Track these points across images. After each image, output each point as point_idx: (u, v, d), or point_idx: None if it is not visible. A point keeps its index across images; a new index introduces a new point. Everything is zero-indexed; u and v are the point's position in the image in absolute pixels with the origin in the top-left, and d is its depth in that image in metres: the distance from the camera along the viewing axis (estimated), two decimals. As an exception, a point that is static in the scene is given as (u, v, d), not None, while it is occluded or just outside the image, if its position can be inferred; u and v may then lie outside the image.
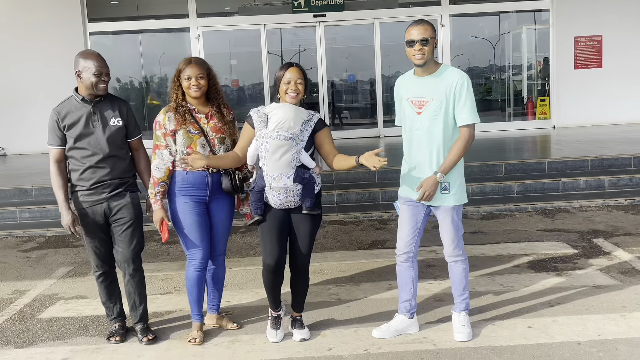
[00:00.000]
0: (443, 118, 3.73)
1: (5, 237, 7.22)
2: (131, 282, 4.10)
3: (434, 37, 3.74)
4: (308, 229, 3.91)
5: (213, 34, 13.01)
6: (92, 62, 3.86)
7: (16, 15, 12.47)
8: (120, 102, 4.04)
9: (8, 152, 12.90)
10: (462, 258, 3.94)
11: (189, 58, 4.00)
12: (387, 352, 3.77)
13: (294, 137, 3.76)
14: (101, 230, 4.02)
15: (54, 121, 3.90)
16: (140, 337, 4.09)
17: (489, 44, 13.65)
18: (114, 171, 3.96)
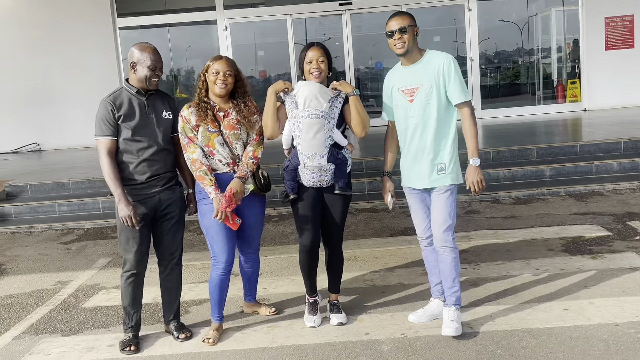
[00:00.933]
0: (436, 102, 3.74)
1: (45, 230, 7.42)
2: (170, 277, 4.10)
3: (412, 26, 3.77)
4: (340, 208, 4.02)
5: (240, 25, 13.09)
6: (148, 55, 3.81)
7: (48, 13, 12.70)
8: (168, 97, 4.05)
9: (43, 148, 13.17)
10: (452, 246, 3.81)
11: (220, 55, 3.97)
12: (424, 335, 3.82)
13: (325, 115, 3.84)
14: (146, 226, 3.92)
15: (109, 111, 3.77)
16: (176, 334, 4.07)
17: (517, 27, 13.49)
18: (166, 164, 3.94)
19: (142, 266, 3.98)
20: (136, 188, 3.86)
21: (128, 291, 3.98)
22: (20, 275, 5.80)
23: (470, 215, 6.72)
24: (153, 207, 3.92)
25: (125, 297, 3.99)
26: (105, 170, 3.78)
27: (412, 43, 3.77)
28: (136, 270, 3.95)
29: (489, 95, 13.47)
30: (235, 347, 3.88)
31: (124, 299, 4.00)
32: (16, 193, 8.36)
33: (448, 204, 3.80)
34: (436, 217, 3.82)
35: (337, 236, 4.09)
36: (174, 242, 4.06)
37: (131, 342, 3.97)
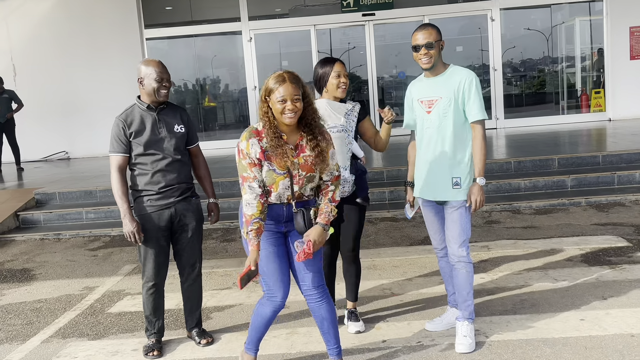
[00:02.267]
0: (453, 116, 3.75)
1: (73, 236, 7.61)
2: (193, 286, 4.20)
3: (439, 40, 3.78)
4: (357, 218, 4.12)
5: (264, 36, 13.28)
6: (153, 68, 3.92)
7: (77, 24, 13.03)
8: (181, 110, 4.15)
9: (72, 156, 13.48)
10: (467, 261, 3.82)
11: (281, 74, 3.18)
12: (440, 344, 3.88)
13: (344, 128, 3.97)
14: (164, 238, 4.00)
15: (120, 129, 3.90)
16: (198, 339, 4.17)
17: (541, 36, 13.48)
18: (180, 175, 4.01)
19: (161, 277, 4.07)
20: (152, 199, 3.95)
21: (149, 301, 4.08)
22: (49, 280, 5.98)
23: (490, 225, 6.75)
24: (169, 218, 3.99)
25: (147, 307, 4.11)
26: (114, 185, 3.92)
27: (437, 57, 3.78)
28: (155, 281, 4.04)
29: (512, 104, 13.47)
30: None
31: (145, 308, 4.12)
32: (45, 200, 8.58)
33: (462, 219, 3.79)
34: (451, 233, 3.83)
35: (354, 245, 4.17)
36: (193, 254, 4.14)
37: (154, 347, 4.08)
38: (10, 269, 6.45)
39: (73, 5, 13.04)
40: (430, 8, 12.81)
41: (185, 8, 13.58)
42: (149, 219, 3.96)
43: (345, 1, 12.89)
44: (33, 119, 12.97)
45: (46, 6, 13.09)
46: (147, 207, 3.96)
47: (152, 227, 3.96)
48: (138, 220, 3.93)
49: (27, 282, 5.97)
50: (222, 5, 13.40)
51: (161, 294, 4.12)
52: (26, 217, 8.12)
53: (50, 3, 13.08)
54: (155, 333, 4.15)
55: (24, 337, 4.56)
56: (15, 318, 4.99)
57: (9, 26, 13.16)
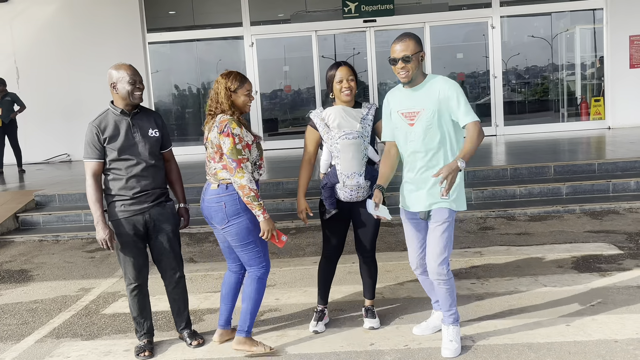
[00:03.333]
0: (438, 127, 3.63)
1: (71, 238, 7.68)
2: (177, 290, 4.23)
3: (418, 52, 3.64)
4: (371, 221, 4.21)
5: (266, 41, 13.38)
6: (125, 72, 3.92)
7: (80, 28, 13.14)
8: (155, 114, 4.16)
9: (73, 158, 13.58)
10: (446, 278, 3.74)
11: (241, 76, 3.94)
12: (426, 347, 3.93)
13: (359, 134, 4.02)
14: (140, 241, 4.03)
15: (94, 134, 3.89)
16: (189, 340, 4.21)
17: (542, 44, 13.54)
18: (155, 181, 4.03)
19: (143, 278, 4.11)
20: (125, 204, 3.96)
21: (134, 303, 4.13)
22: (46, 281, 6.05)
23: (484, 232, 6.80)
24: (144, 223, 4.01)
25: (133, 309, 4.15)
26: (88, 192, 3.91)
27: (415, 71, 3.65)
28: (137, 283, 4.08)
29: (512, 111, 13.52)
30: (245, 355, 4.02)
31: (132, 310, 4.16)
32: (45, 202, 8.67)
33: (445, 236, 3.69)
34: (431, 250, 3.73)
35: (370, 245, 4.29)
36: (173, 258, 4.16)
37: (145, 348, 4.14)
38: (8, 270, 6.53)
39: (76, 9, 13.16)
40: (431, 15, 12.90)
41: (187, 13, 13.69)
42: (123, 223, 3.97)
43: (347, 7, 12.98)
44: (35, 121, 13.08)
45: (50, 10, 13.21)
46: (120, 213, 3.96)
47: (126, 232, 3.98)
48: (111, 227, 3.95)
49: (24, 283, 6.04)
50: (225, 10, 13.50)
51: (145, 294, 4.16)
52: (26, 219, 8.19)
53: (54, 7, 13.20)
54: (145, 334, 4.20)
55: (18, 336, 4.62)
56: (10, 318, 5.06)
57: (13, 29, 13.28)
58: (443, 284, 3.76)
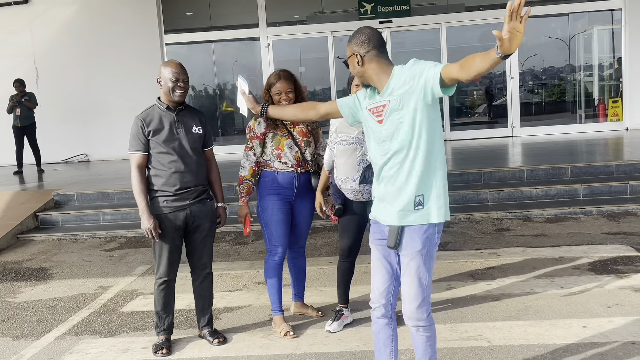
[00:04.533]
0: (410, 120, 2.85)
1: (90, 237, 7.77)
2: (203, 285, 4.31)
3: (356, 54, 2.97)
4: None
5: (282, 42, 13.42)
6: (170, 69, 4.03)
7: (99, 29, 13.27)
8: (199, 113, 4.26)
9: (91, 158, 13.71)
10: (426, 324, 3.00)
11: (279, 73, 4.30)
12: (441, 347, 3.94)
13: (356, 140, 4.00)
14: (178, 237, 4.12)
15: (139, 127, 4.01)
16: (211, 339, 4.27)
17: (560, 45, 13.48)
18: (197, 178, 4.12)
19: (173, 274, 4.18)
20: (168, 200, 4.05)
21: (160, 297, 4.20)
22: (65, 279, 6.13)
23: (500, 233, 6.79)
24: (184, 219, 4.09)
25: (157, 303, 4.22)
26: (134, 183, 4.02)
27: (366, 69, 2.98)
28: (167, 278, 4.15)
29: (529, 112, 13.46)
30: (261, 353, 4.07)
31: (156, 304, 4.23)
32: (64, 202, 8.76)
33: (422, 269, 2.93)
34: (406, 290, 2.96)
35: None
36: (205, 253, 4.26)
37: (163, 345, 4.19)
38: (27, 268, 6.62)
39: (95, 11, 13.29)
40: (447, 16, 12.88)
41: (204, 14, 13.78)
42: (164, 219, 4.05)
43: (363, 8, 13.00)
44: (54, 122, 13.23)
45: (69, 12, 13.36)
46: (163, 208, 4.05)
47: (167, 227, 4.06)
48: (155, 217, 4.04)
49: (43, 281, 6.12)
50: (241, 11, 13.57)
51: (172, 290, 4.23)
52: (45, 218, 8.29)
53: (73, 9, 13.34)
54: (164, 330, 4.25)
55: (38, 333, 4.70)
56: (31, 315, 5.13)
57: (33, 31, 13.44)
58: (422, 330, 3.02)
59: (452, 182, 8.33)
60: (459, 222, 7.26)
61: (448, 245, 6.46)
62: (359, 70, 3.01)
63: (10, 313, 5.21)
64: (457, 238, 6.64)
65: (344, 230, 4.33)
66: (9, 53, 13.40)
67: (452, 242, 6.55)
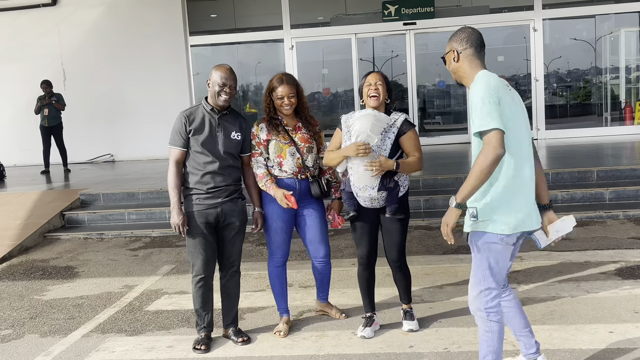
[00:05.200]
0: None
1: (115, 237, 7.86)
2: (231, 282, 4.35)
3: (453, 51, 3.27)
4: (396, 228, 4.19)
5: (306, 44, 13.45)
6: (220, 73, 4.09)
7: (125, 31, 13.42)
8: (241, 118, 4.29)
9: (116, 158, 13.87)
10: (482, 316, 3.24)
11: (281, 77, 4.27)
12: (466, 351, 3.93)
13: (375, 148, 3.97)
14: (210, 234, 4.19)
15: (182, 123, 4.10)
16: (235, 338, 4.30)
17: (586, 47, 13.32)
18: (229, 178, 4.18)
19: (209, 270, 4.23)
20: (200, 198, 4.13)
21: (198, 294, 4.24)
22: (91, 278, 6.21)
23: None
24: (215, 216, 4.16)
25: (196, 301, 4.27)
26: (169, 177, 4.14)
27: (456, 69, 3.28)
28: (204, 275, 4.21)
29: (554, 115, 13.33)
30: (285, 353, 4.09)
31: (195, 302, 4.28)
32: (90, 201, 8.88)
33: (477, 262, 3.20)
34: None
35: (396, 253, 4.27)
36: (233, 251, 4.31)
37: (202, 342, 4.23)
38: (54, 266, 6.72)
39: (121, 12, 13.44)
40: (471, 18, 12.80)
41: (229, 16, 13.87)
42: (196, 216, 4.14)
43: (387, 10, 12.98)
44: (80, 122, 13.41)
45: (96, 14, 13.53)
46: (195, 205, 4.14)
47: (199, 224, 4.14)
48: (185, 214, 4.12)
49: (70, 279, 6.21)
50: (265, 13, 13.63)
51: (210, 287, 4.28)
52: (71, 217, 8.41)
53: (100, 11, 13.51)
54: (204, 327, 4.30)
55: (66, 331, 4.77)
56: (58, 313, 5.21)
57: (61, 33, 13.64)
58: (479, 320, 3.29)
59: (476, 184, 8.30)
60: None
61: (472, 248, 6.42)
62: (454, 66, 3.25)
63: (38, 310, 5.30)
64: (481, 241, 6.60)
65: (360, 238, 4.30)
66: (37, 54, 13.60)
67: (476, 245, 6.51)
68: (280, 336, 4.35)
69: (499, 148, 2.91)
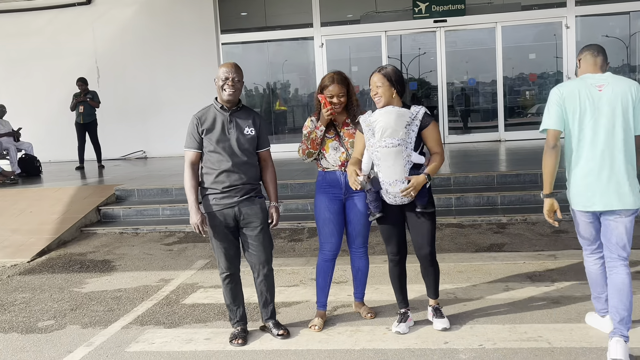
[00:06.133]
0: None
1: (150, 231, 8.00)
2: (264, 282, 4.38)
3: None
4: (425, 222, 4.19)
5: (335, 41, 13.51)
6: (222, 68, 4.14)
7: (158, 29, 13.63)
8: (254, 114, 4.32)
9: (149, 155, 14.08)
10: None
11: (332, 75, 4.35)
12: (501, 347, 3.95)
13: (401, 142, 3.99)
14: (231, 233, 4.23)
15: (194, 125, 4.16)
16: (275, 331, 4.35)
17: (619, 44, 13.14)
18: (245, 177, 4.18)
19: (234, 268, 4.30)
20: (217, 197, 4.17)
21: (227, 290, 4.34)
22: (128, 272, 6.35)
23: (558, 235, 6.71)
24: (233, 216, 4.19)
25: (226, 297, 4.37)
26: (185, 179, 4.21)
27: None
28: (229, 272, 4.29)
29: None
30: (320, 347, 4.15)
31: (225, 298, 4.38)
32: (125, 197, 9.05)
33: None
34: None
35: (426, 248, 4.26)
36: (261, 252, 4.30)
37: (238, 336, 4.30)
38: (92, 260, 6.87)
39: (154, 11, 13.64)
40: (502, 15, 12.73)
41: (259, 14, 13.98)
42: (215, 216, 4.19)
43: (417, 7, 12.96)
44: (113, 119, 13.63)
45: (130, 12, 13.75)
46: (212, 206, 4.19)
47: (218, 224, 4.20)
48: (203, 213, 4.18)
49: (107, 273, 6.35)
50: (296, 11, 13.71)
51: (237, 283, 4.36)
52: (107, 212, 8.58)
53: (134, 9, 13.73)
54: (238, 321, 4.38)
55: (105, 322, 4.89)
56: (97, 305, 5.34)
57: (95, 31, 13.89)
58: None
59: (508, 182, 8.26)
60: (516, 224, 7.21)
61: (505, 246, 6.42)
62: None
63: (78, 302, 5.44)
64: (514, 239, 6.60)
65: (389, 237, 4.32)
66: (72, 52, 13.88)
67: (509, 243, 6.51)
68: (315, 330, 4.41)
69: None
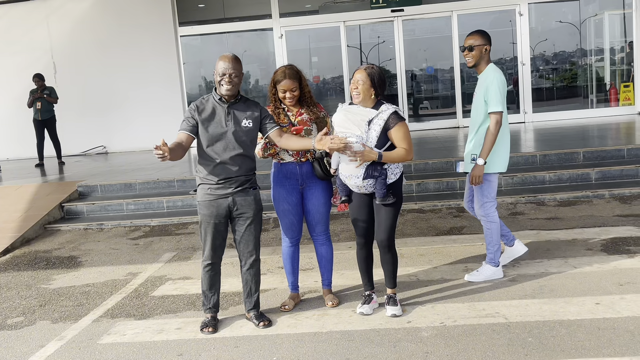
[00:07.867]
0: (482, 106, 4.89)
1: (115, 227, 8.02)
2: (250, 271, 4.47)
3: (480, 45, 5.02)
4: (384, 213, 4.34)
5: (295, 32, 13.59)
6: (220, 62, 4.14)
7: (114, 23, 13.50)
8: (254, 106, 4.33)
9: (109, 150, 13.98)
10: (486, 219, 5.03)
11: (284, 70, 4.45)
12: (461, 324, 4.15)
13: (359, 138, 4.13)
14: (222, 224, 4.32)
15: (192, 111, 4.21)
16: (257, 322, 4.44)
17: (571, 30, 13.53)
18: (241, 169, 4.25)
19: (217, 257, 4.41)
20: (212, 188, 4.26)
21: (206, 278, 4.44)
22: (95, 267, 6.38)
23: (514, 217, 6.97)
24: (227, 207, 4.28)
25: (204, 283, 4.47)
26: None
27: (478, 59, 4.95)
28: (211, 261, 4.39)
29: (540, 98, 13.56)
30: (289, 332, 4.29)
31: (203, 284, 4.47)
32: (87, 193, 9.02)
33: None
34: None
35: (384, 237, 4.39)
36: (251, 241, 4.41)
37: (209, 324, 4.42)
38: (58, 257, 6.88)
39: (110, 4, 13.51)
40: (458, 3, 12.98)
41: (218, 6, 13.96)
42: (207, 205, 4.28)
43: (375, -3, 13.12)
44: (72, 115, 13.48)
45: (85, 6, 13.59)
46: (206, 195, 4.28)
47: (210, 213, 4.28)
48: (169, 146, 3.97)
49: (74, 269, 6.37)
50: (254, 2, 13.73)
51: (216, 272, 4.46)
52: (70, 208, 8.55)
53: (90, 3, 13.57)
54: (210, 308, 4.49)
55: (76, 317, 4.95)
56: (66, 300, 5.38)
57: (50, 25, 13.69)
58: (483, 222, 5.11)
59: (466, 168, 8.52)
60: (474, 207, 7.43)
61: (464, 229, 6.65)
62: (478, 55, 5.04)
63: (46, 298, 5.47)
64: (473, 222, 6.82)
65: (354, 221, 4.50)
66: (27, 48, 13.67)
67: (468, 226, 6.74)
68: (285, 309, 4.62)
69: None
